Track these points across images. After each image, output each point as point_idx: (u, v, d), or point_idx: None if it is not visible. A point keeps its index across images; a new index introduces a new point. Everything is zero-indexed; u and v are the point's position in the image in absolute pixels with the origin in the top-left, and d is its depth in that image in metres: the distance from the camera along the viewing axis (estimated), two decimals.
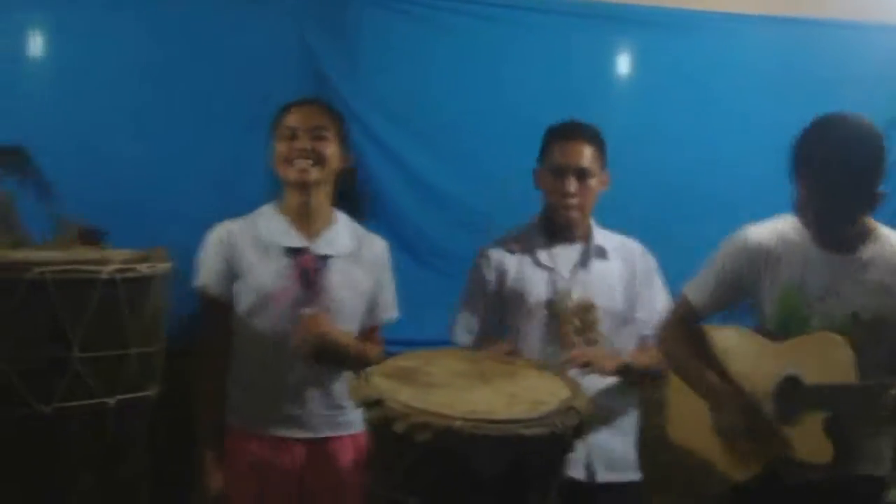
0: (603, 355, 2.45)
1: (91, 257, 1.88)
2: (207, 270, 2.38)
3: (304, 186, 2.40)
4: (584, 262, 2.58)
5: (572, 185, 2.53)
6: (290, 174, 2.39)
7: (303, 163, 2.37)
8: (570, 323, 2.50)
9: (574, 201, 2.54)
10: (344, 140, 2.48)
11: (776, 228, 2.27)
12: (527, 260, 2.59)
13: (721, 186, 3.42)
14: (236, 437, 2.37)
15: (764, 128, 2.85)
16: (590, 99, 3.46)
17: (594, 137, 2.59)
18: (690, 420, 2.36)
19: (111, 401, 1.87)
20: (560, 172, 2.54)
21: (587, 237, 2.61)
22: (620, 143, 3.44)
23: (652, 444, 2.62)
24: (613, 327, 2.55)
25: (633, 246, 2.66)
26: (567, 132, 2.59)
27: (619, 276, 2.59)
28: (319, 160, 2.38)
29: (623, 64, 3.53)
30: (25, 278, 1.76)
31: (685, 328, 2.38)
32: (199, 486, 2.34)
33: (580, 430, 1.80)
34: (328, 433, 2.39)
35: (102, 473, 1.97)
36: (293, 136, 2.39)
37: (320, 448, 2.38)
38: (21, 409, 1.79)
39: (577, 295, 2.53)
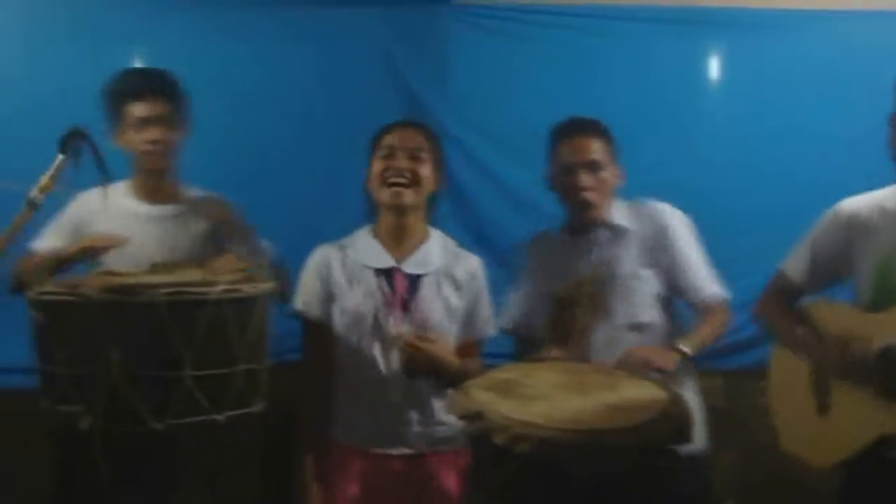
0: (658, 353, 2.38)
1: (199, 279, 1.95)
2: (306, 293, 2.46)
3: (398, 209, 2.43)
4: (597, 246, 2.55)
5: (586, 179, 2.50)
6: (384, 196, 2.42)
7: (398, 182, 2.39)
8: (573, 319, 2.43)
9: (590, 195, 2.52)
10: (439, 163, 2.50)
11: (873, 198, 2.23)
12: (547, 255, 2.63)
13: (820, 180, 3.34)
14: (339, 453, 2.42)
15: (860, 123, 2.77)
16: (679, 104, 3.44)
17: (600, 131, 2.56)
18: (795, 414, 2.30)
19: (220, 417, 1.92)
20: (571, 169, 2.52)
21: (606, 223, 2.57)
22: (714, 148, 3.44)
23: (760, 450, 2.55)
24: (627, 291, 2.50)
25: (645, 210, 2.59)
26: (572, 129, 2.57)
27: (638, 245, 2.54)
28: (415, 180, 2.41)
29: (712, 67, 3.49)
30: (139, 301, 1.84)
31: (781, 300, 2.36)
32: (299, 500, 2.38)
33: (681, 439, 1.79)
34: (428, 450, 2.41)
35: (213, 487, 2.03)
36: (391, 155, 2.42)
37: (420, 464, 2.41)
38: (136, 426, 1.85)
39: (587, 281, 2.46)
